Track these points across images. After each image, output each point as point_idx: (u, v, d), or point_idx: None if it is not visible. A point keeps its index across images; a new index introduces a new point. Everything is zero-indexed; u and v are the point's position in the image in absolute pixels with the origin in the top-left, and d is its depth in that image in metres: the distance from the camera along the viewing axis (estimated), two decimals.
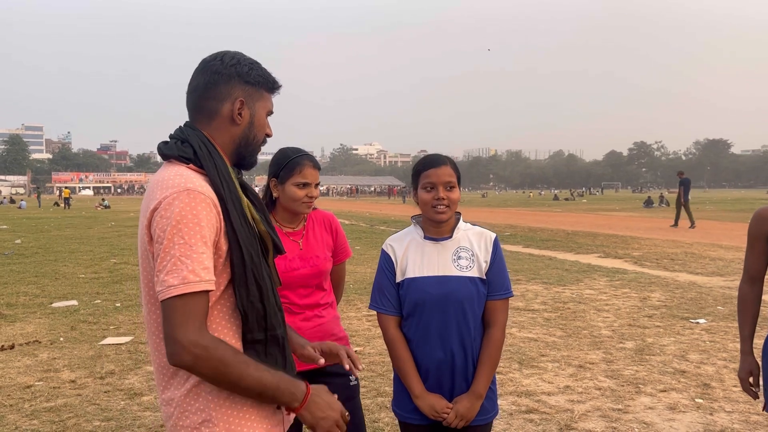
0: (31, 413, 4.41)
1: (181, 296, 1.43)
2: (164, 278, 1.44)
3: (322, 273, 2.64)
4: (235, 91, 1.66)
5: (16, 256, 13.70)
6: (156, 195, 1.52)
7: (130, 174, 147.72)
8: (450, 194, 2.26)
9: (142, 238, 1.57)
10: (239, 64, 1.67)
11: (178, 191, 1.49)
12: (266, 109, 1.74)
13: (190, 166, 1.59)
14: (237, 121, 1.67)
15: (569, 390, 4.80)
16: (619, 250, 13.85)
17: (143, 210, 1.57)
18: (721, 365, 5.38)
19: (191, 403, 1.54)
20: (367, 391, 4.79)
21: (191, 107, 1.69)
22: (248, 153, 1.72)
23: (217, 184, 1.56)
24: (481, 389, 2.28)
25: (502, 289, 2.33)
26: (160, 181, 1.56)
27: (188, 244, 1.45)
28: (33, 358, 5.78)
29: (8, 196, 67.53)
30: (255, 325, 1.57)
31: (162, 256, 1.45)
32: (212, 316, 1.55)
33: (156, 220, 1.49)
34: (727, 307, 7.73)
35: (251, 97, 1.69)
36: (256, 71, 1.69)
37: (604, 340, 6.23)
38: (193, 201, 1.49)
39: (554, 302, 8.16)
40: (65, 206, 45.05)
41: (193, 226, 1.47)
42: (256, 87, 1.69)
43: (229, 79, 1.65)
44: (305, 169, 2.54)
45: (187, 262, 1.44)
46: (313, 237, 2.66)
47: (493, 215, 30.68)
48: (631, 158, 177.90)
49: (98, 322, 7.26)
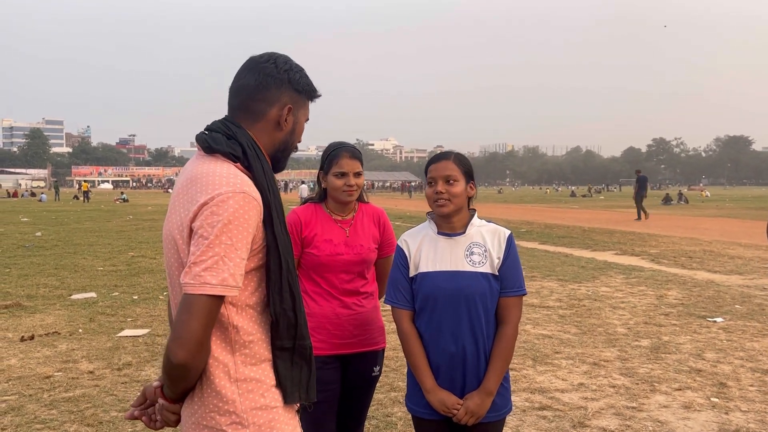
0: (50, 403, 4.49)
1: (213, 296, 1.42)
2: (201, 272, 1.41)
3: (364, 261, 2.75)
4: (284, 97, 1.67)
5: (36, 249, 13.90)
6: (207, 189, 1.49)
7: (148, 168, 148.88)
8: (450, 188, 2.27)
9: (174, 230, 1.54)
10: (291, 71, 1.68)
11: (234, 191, 1.48)
12: (306, 117, 1.76)
13: (237, 165, 1.58)
14: (282, 127, 1.68)
15: (583, 387, 4.79)
16: (636, 248, 13.74)
17: (186, 201, 1.53)
18: (738, 364, 5.33)
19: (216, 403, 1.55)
20: (381, 385, 4.80)
21: (236, 105, 1.67)
22: (284, 157, 1.74)
23: (263, 188, 1.56)
24: (492, 386, 2.28)
25: (515, 286, 2.32)
26: (210, 174, 1.53)
27: (234, 246, 1.44)
28: (52, 349, 5.87)
29: (29, 189, 68.35)
30: (285, 332, 1.57)
31: (204, 251, 1.42)
32: (243, 317, 1.55)
33: (205, 215, 1.46)
34: (746, 305, 7.65)
35: (297, 104, 1.70)
36: (304, 79, 1.71)
37: (620, 338, 6.19)
38: (247, 205, 1.48)
39: (569, 299, 8.13)
40: (84, 199, 45.56)
41: (242, 230, 1.46)
42: (303, 95, 1.71)
43: (281, 84, 1.66)
44: (342, 160, 2.69)
45: (229, 264, 1.43)
46: (360, 227, 2.79)
47: (509, 211, 30.55)
48: (650, 155, 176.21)
49: (116, 314, 7.36)
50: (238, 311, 1.55)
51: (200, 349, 1.43)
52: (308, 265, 2.72)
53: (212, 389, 1.52)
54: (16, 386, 4.84)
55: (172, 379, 1.48)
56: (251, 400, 1.53)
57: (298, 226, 2.71)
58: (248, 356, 1.55)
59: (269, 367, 1.58)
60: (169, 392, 1.55)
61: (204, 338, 1.43)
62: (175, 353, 1.41)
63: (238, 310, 1.55)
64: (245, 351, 1.55)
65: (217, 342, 1.53)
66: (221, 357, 1.53)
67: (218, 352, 1.53)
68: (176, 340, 1.41)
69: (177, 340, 1.41)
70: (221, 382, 1.52)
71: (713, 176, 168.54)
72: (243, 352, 1.55)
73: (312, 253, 2.69)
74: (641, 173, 24.20)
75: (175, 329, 1.43)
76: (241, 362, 1.55)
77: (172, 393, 1.55)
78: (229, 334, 1.54)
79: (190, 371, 1.46)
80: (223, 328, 1.54)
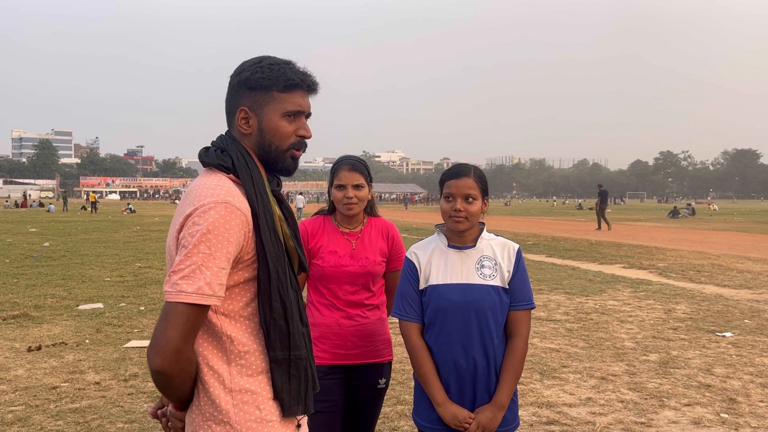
0: (56, 414, 4.49)
1: (189, 304, 1.43)
2: (178, 281, 1.43)
3: (370, 274, 2.74)
4: (240, 100, 1.63)
5: (44, 259, 13.95)
6: (193, 201, 1.51)
7: (155, 179, 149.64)
8: (468, 206, 2.26)
9: (170, 242, 1.57)
10: (244, 71, 1.62)
11: (216, 202, 1.49)
12: (281, 110, 1.62)
13: (231, 176, 1.59)
14: (245, 131, 1.63)
15: (591, 402, 4.75)
16: (643, 261, 13.68)
17: (177, 214, 1.56)
18: (748, 380, 5.28)
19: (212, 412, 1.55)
20: (387, 398, 4.78)
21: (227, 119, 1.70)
22: (272, 160, 1.64)
23: (251, 197, 1.56)
24: (504, 400, 2.27)
25: (524, 300, 2.32)
26: (199, 187, 1.55)
27: (212, 255, 1.45)
28: (59, 360, 5.88)
29: (37, 199, 68.72)
30: (278, 342, 1.56)
31: (182, 260, 1.44)
32: (237, 328, 1.56)
33: (188, 226, 1.48)
34: (755, 320, 7.59)
35: (257, 103, 1.61)
36: (260, 74, 1.59)
37: (628, 352, 6.15)
38: (229, 215, 1.48)
39: (577, 313, 8.08)
40: (92, 210, 45.75)
41: (222, 240, 1.46)
42: (264, 91, 1.60)
43: (236, 89, 1.63)
44: (341, 173, 2.72)
45: (206, 273, 1.43)
46: (368, 240, 2.79)
47: (516, 224, 30.48)
48: (657, 168, 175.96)
49: (123, 325, 7.36)
50: (231, 321, 1.55)
51: (178, 357, 1.43)
52: (314, 275, 2.74)
53: (208, 398, 1.53)
54: (23, 397, 4.84)
55: (158, 386, 1.49)
56: (246, 412, 1.53)
57: (305, 238, 2.74)
58: (244, 367, 1.55)
59: (266, 380, 1.57)
60: (165, 398, 1.57)
61: (182, 346, 1.43)
62: (152, 360, 1.43)
63: (232, 320, 1.55)
64: (240, 362, 1.55)
65: (213, 351, 1.54)
66: (216, 366, 1.54)
67: (213, 362, 1.54)
68: (153, 347, 1.43)
69: (153, 348, 1.43)
70: (216, 392, 1.53)
71: (721, 189, 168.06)
72: (238, 362, 1.55)
73: (317, 264, 2.71)
74: (602, 188, 26.31)
75: (153, 336, 1.44)
76: (237, 373, 1.55)
77: (168, 399, 1.57)
78: (223, 344, 1.55)
79: (171, 378, 1.46)
80: (217, 338, 1.55)
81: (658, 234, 22.68)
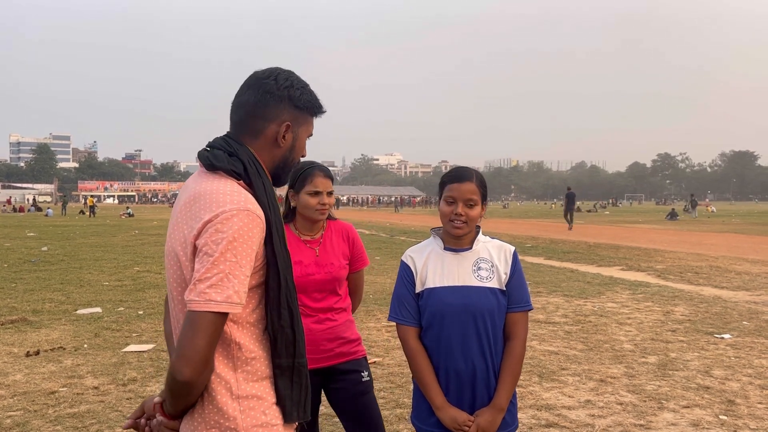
0: (54, 419, 4.48)
1: (218, 313, 1.42)
2: (206, 290, 1.41)
3: (336, 279, 2.76)
4: (283, 114, 1.66)
5: (42, 263, 13.93)
6: (211, 207, 1.50)
7: (154, 183, 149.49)
8: (469, 211, 2.27)
9: (177, 247, 1.54)
10: (292, 87, 1.67)
11: (239, 209, 1.49)
12: (308, 133, 1.75)
13: (240, 182, 1.59)
14: (280, 144, 1.67)
15: (590, 404, 4.75)
16: (641, 263, 13.69)
17: (188, 218, 1.54)
18: (746, 381, 5.29)
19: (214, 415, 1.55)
20: (386, 402, 4.78)
21: (237, 121, 1.68)
22: (284, 173, 1.74)
23: (264, 206, 1.57)
24: (503, 402, 2.27)
25: (522, 302, 2.33)
26: (214, 192, 1.53)
27: (239, 263, 1.45)
28: (57, 364, 5.87)
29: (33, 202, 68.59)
30: (284, 350, 1.57)
31: (209, 268, 1.43)
32: (245, 334, 1.56)
33: (209, 233, 1.46)
34: (753, 322, 7.60)
35: (296, 121, 1.69)
36: (306, 96, 1.69)
37: (626, 354, 6.15)
38: (251, 223, 1.49)
39: (575, 315, 8.09)
40: (90, 214, 45.71)
41: (246, 247, 1.47)
42: (307, 113, 1.71)
43: (280, 102, 1.65)
44: (316, 179, 2.71)
45: (234, 281, 1.44)
46: (330, 245, 2.79)
47: (515, 226, 30.50)
48: (655, 170, 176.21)
49: (121, 329, 7.35)
50: (239, 328, 1.55)
51: (205, 367, 1.44)
52: None
53: (214, 405, 1.52)
54: (21, 402, 4.83)
55: (176, 397, 1.48)
56: (252, 417, 1.53)
57: None
58: (250, 373, 1.56)
59: (270, 385, 1.58)
60: (170, 409, 1.55)
61: (209, 355, 1.43)
62: (180, 371, 1.41)
63: (240, 327, 1.55)
64: (247, 368, 1.56)
65: (220, 359, 1.54)
66: (223, 374, 1.54)
67: (220, 369, 1.53)
68: (182, 358, 1.41)
69: (182, 358, 1.41)
70: (223, 399, 1.52)
71: (719, 191, 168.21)
72: (245, 369, 1.55)
73: None
74: (570, 190, 28.87)
75: (180, 347, 1.42)
76: (243, 379, 1.55)
77: (173, 410, 1.55)
78: (231, 351, 1.55)
79: (194, 388, 1.46)
80: (226, 345, 1.54)
81: (656, 236, 22.71)
